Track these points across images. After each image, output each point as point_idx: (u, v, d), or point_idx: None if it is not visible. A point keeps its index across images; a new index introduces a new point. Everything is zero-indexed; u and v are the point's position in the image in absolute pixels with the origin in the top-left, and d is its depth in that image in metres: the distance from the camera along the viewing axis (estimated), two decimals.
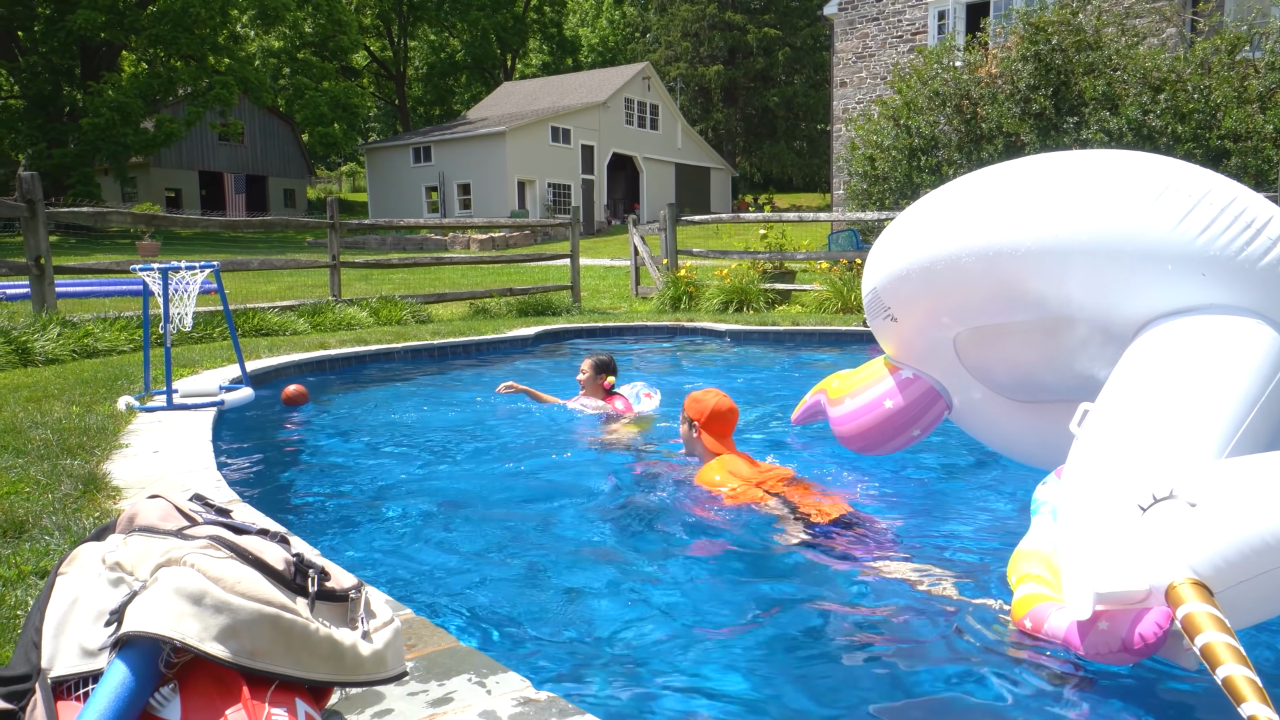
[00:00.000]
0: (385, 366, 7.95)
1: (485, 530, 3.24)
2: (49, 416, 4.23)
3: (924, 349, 3.39)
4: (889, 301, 3.25)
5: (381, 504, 3.54)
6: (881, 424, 3.54)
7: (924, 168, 12.05)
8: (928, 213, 3.04)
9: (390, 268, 11.76)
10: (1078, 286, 2.62)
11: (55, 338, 6.83)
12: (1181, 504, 1.78)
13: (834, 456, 4.34)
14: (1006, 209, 2.71)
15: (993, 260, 2.74)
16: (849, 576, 2.75)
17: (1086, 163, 2.68)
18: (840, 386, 3.79)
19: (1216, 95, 10.22)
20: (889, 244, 3.21)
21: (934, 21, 24.80)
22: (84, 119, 30.05)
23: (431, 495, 3.70)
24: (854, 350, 9.20)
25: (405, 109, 55.63)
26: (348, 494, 3.67)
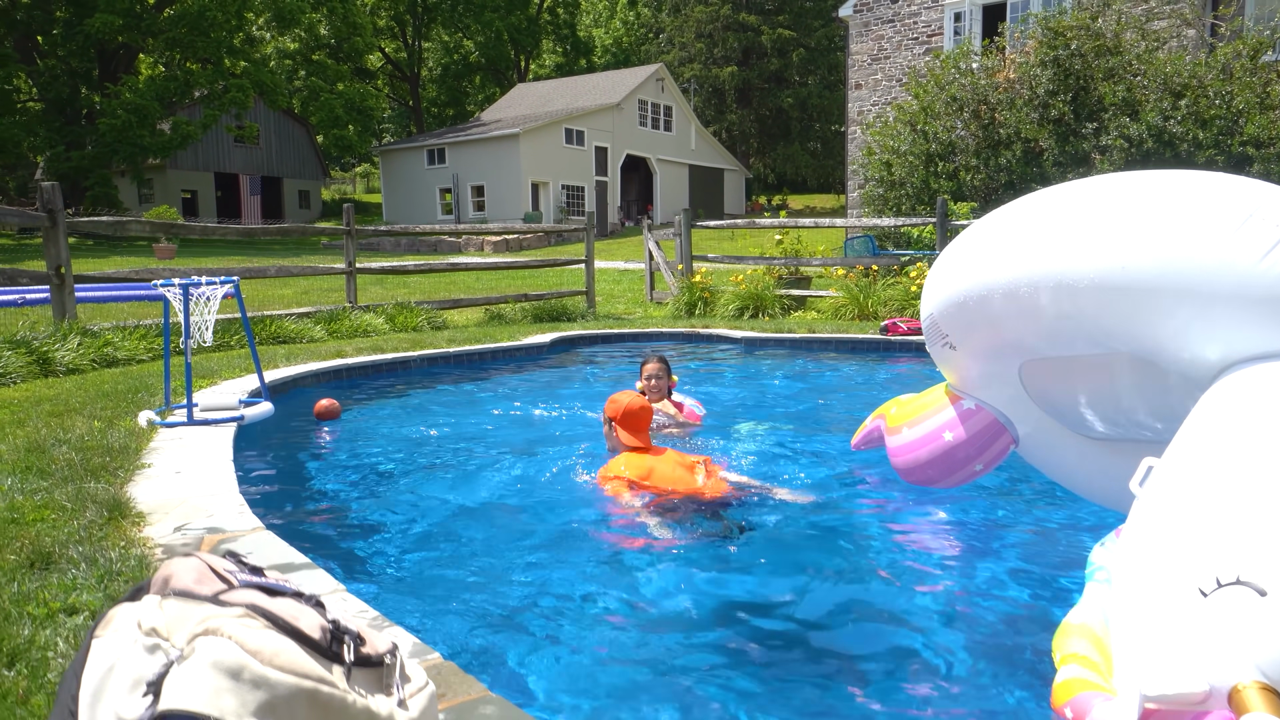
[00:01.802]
0: (402, 376, 7.96)
1: (512, 560, 3.23)
2: (71, 433, 4.25)
3: (985, 378, 3.19)
4: (946, 329, 3.06)
5: (404, 530, 3.54)
6: (941, 457, 3.32)
7: (941, 173, 11.98)
8: (985, 236, 2.84)
9: (406, 273, 11.78)
10: (1147, 324, 2.35)
11: (75, 347, 6.86)
12: (1250, 591, 1.55)
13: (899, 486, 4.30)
14: (1067, 236, 2.47)
15: (1052, 292, 2.50)
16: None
17: (1157, 186, 2.41)
18: (898, 415, 3.61)
19: (1239, 101, 10.12)
20: (945, 268, 3.02)
21: (950, 23, 24.67)
22: (101, 121, 30.26)
23: (456, 520, 3.69)
24: (871, 360, 9.16)
25: (419, 110, 55.78)
26: (369, 518, 3.66)
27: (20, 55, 32.46)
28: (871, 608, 2.85)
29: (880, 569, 3.18)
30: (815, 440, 5.15)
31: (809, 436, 5.28)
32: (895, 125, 12.75)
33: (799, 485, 4.23)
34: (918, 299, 10.95)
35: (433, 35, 55.71)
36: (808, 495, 3.93)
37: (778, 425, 5.57)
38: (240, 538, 2.61)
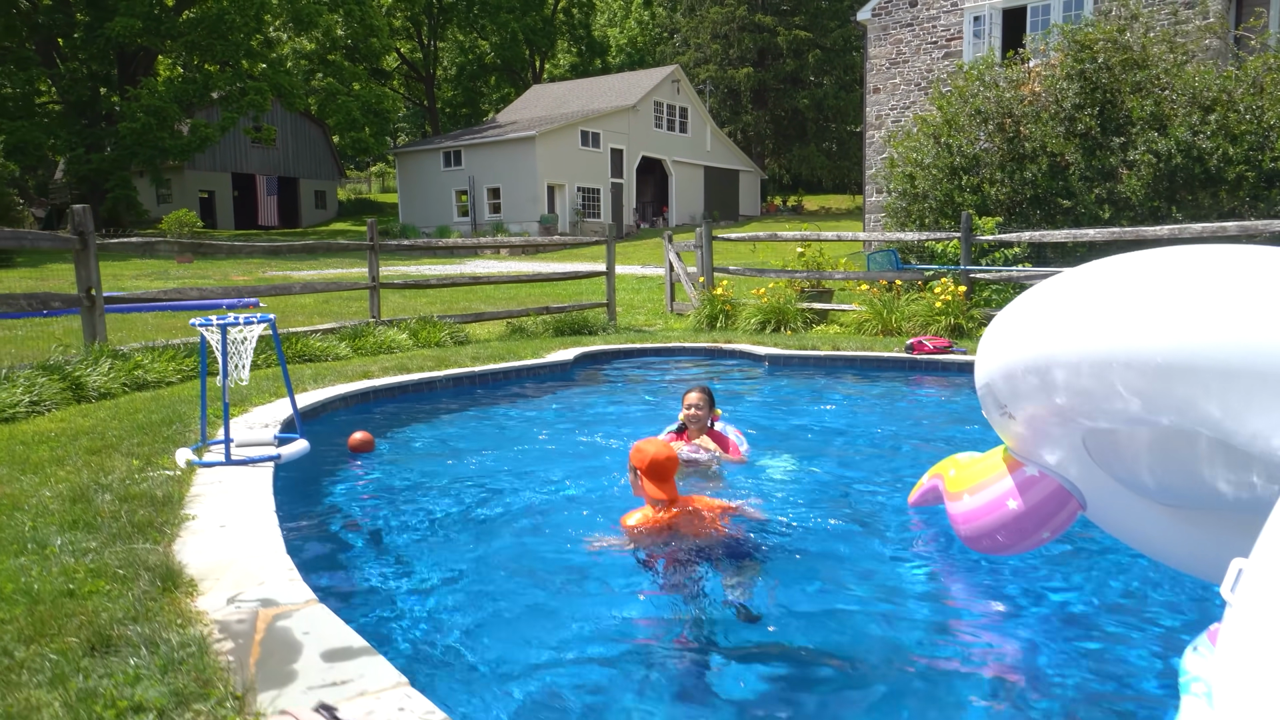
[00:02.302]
0: (429, 399, 7.96)
1: (565, 614, 3.21)
2: (112, 475, 4.26)
3: (1048, 447, 3.06)
4: (1004, 399, 2.97)
5: (449, 592, 3.53)
6: (1006, 526, 3.19)
7: (965, 186, 11.90)
8: (1046, 306, 2.71)
9: (429, 288, 11.80)
10: (1221, 408, 2.21)
11: (107, 371, 6.90)
12: None
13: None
14: (1135, 314, 2.34)
15: (1120, 371, 2.39)
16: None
17: (1232, 261, 2.28)
18: (958, 479, 3.50)
19: (1270, 116, 10.01)
20: (1000, 336, 2.92)
21: (969, 27, 24.54)
22: (121, 125, 30.45)
23: (498, 569, 3.69)
24: (895, 380, 9.10)
25: (434, 110, 55.88)
26: (413, 575, 3.65)
27: (42, 58, 32.69)
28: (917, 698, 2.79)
29: (926, 656, 3.09)
30: (859, 487, 5.08)
31: (850, 480, 5.22)
32: (918, 137, 12.67)
33: (839, 547, 4.13)
34: (942, 315, 10.88)
35: (448, 35, 55.79)
36: (842, 560, 3.81)
37: (814, 464, 5.52)
38: (294, 612, 2.60)
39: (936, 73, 25.15)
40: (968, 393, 8.15)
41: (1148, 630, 3.13)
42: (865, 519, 4.48)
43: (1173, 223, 10.61)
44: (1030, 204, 11.60)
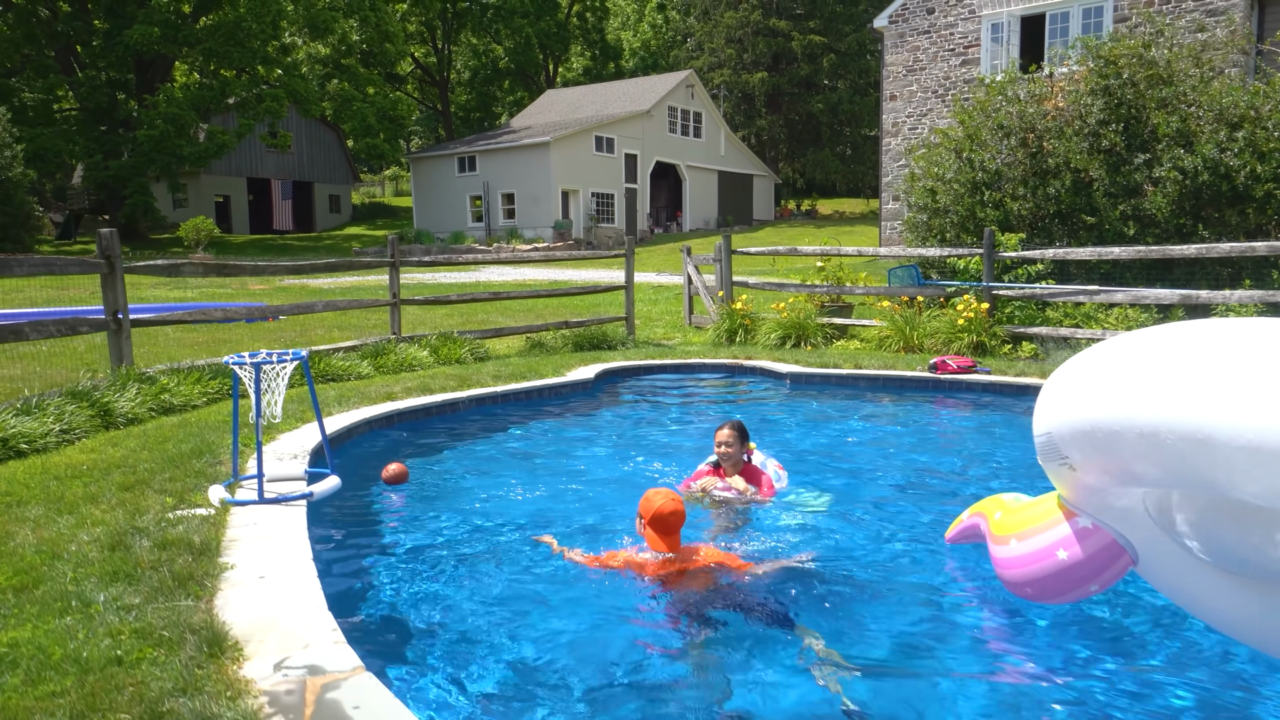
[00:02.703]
0: (453, 421, 7.96)
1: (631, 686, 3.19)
2: (146, 516, 4.26)
3: (1108, 503, 3.03)
4: (1067, 451, 2.92)
5: (483, 622, 3.51)
6: (1054, 576, 3.16)
7: (988, 202, 11.82)
8: (1120, 367, 2.65)
9: (449, 304, 11.81)
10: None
11: (134, 396, 6.92)
12: None
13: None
14: (1226, 389, 2.27)
15: (1201, 445, 2.34)
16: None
17: None
18: (1004, 523, 3.45)
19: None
20: (1069, 390, 2.86)
21: (987, 35, 24.42)
22: (140, 132, 30.63)
23: (546, 613, 3.67)
24: (917, 399, 9.04)
25: (448, 114, 56.02)
26: (455, 629, 3.62)
27: (60, 66, 32.92)
28: None
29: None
30: (890, 525, 5.02)
31: (882, 516, 5.17)
32: (939, 151, 12.60)
33: (869, 592, 4.08)
34: (964, 332, 10.81)
35: (461, 40, 55.93)
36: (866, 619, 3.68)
37: (844, 497, 5.47)
38: (342, 682, 2.59)
39: (954, 80, 25.04)
40: (996, 417, 8.09)
41: (1217, 693, 3.09)
42: (897, 559, 4.44)
43: (1199, 240, 10.51)
44: (1053, 220, 11.52)
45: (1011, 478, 5.95)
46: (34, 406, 6.00)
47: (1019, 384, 8.99)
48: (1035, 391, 8.84)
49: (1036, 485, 5.54)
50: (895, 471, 6.21)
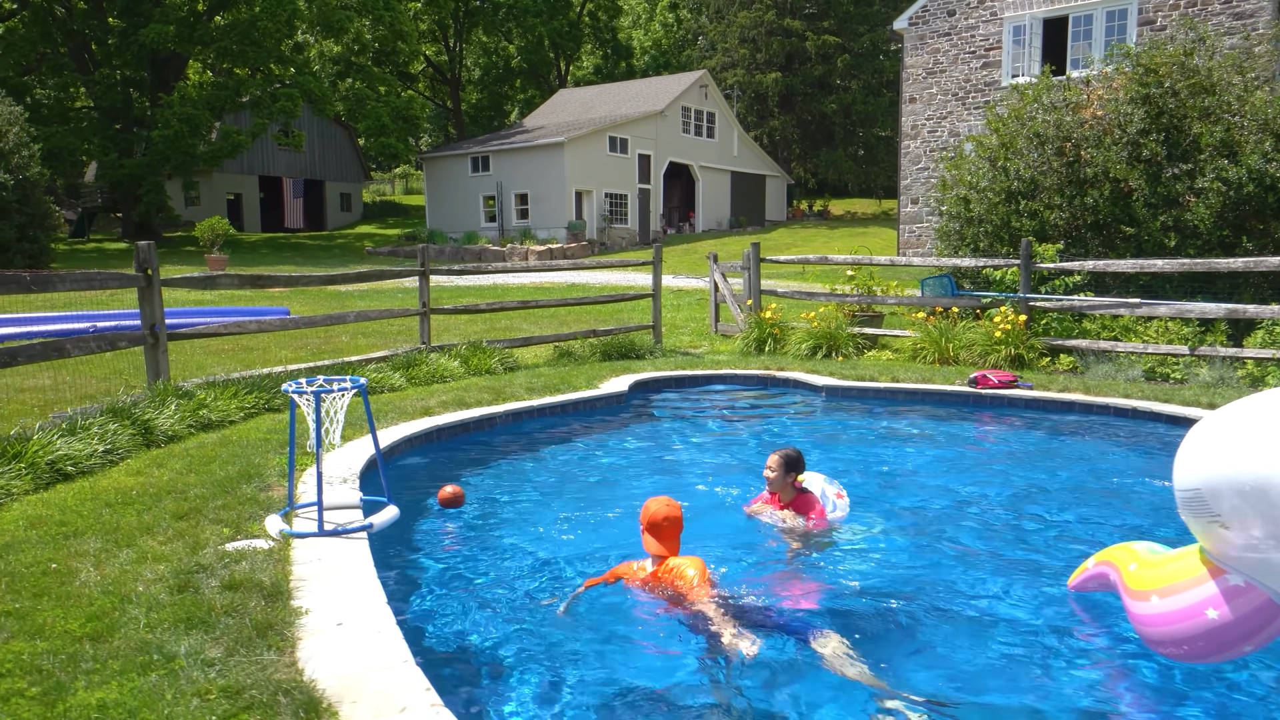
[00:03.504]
0: (493, 437, 7.85)
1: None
2: (207, 550, 4.15)
3: (1264, 563, 2.85)
4: (1219, 509, 2.78)
5: (570, 672, 3.40)
6: (1205, 635, 2.98)
7: (1023, 211, 11.67)
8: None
9: (478, 313, 11.70)
10: None
11: (173, 413, 6.81)
12: None
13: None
14: None
15: None
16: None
17: None
18: (1142, 577, 3.28)
19: None
20: (1227, 442, 2.70)
21: (1009, 38, 24.23)
22: (155, 131, 30.57)
23: (618, 651, 3.55)
24: (958, 415, 8.89)
25: (459, 113, 55.92)
26: (532, 655, 3.52)
27: (76, 65, 32.88)
28: None
29: None
30: (951, 569, 4.87)
31: (939, 556, 5.01)
32: (972, 160, 12.44)
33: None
34: (1001, 344, 10.67)
35: (473, 39, 55.81)
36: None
37: (891, 528, 5.33)
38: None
39: (975, 83, 24.86)
40: (1050, 438, 7.86)
41: None
42: (955, 599, 4.28)
43: (1242, 253, 10.35)
44: (1090, 230, 11.36)
45: (1083, 505, 5.80)
46: (79, 426, 5.89)
47: (1064, 400, 8.84)
48: (1081, 408, 8.75)
49: (1108, 517, 5.38)
50: (953, 493, 6.06)
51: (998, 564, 4.72)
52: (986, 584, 4.44)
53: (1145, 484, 6.25)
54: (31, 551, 4.09)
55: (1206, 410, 7.99)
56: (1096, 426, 8.17)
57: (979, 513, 5.66)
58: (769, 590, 4.27)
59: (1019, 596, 4.27)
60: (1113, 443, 7.63)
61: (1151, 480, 6.26)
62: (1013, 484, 6.36)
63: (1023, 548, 4.98)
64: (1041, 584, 4.39)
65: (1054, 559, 4.74)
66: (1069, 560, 4.59)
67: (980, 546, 5.00)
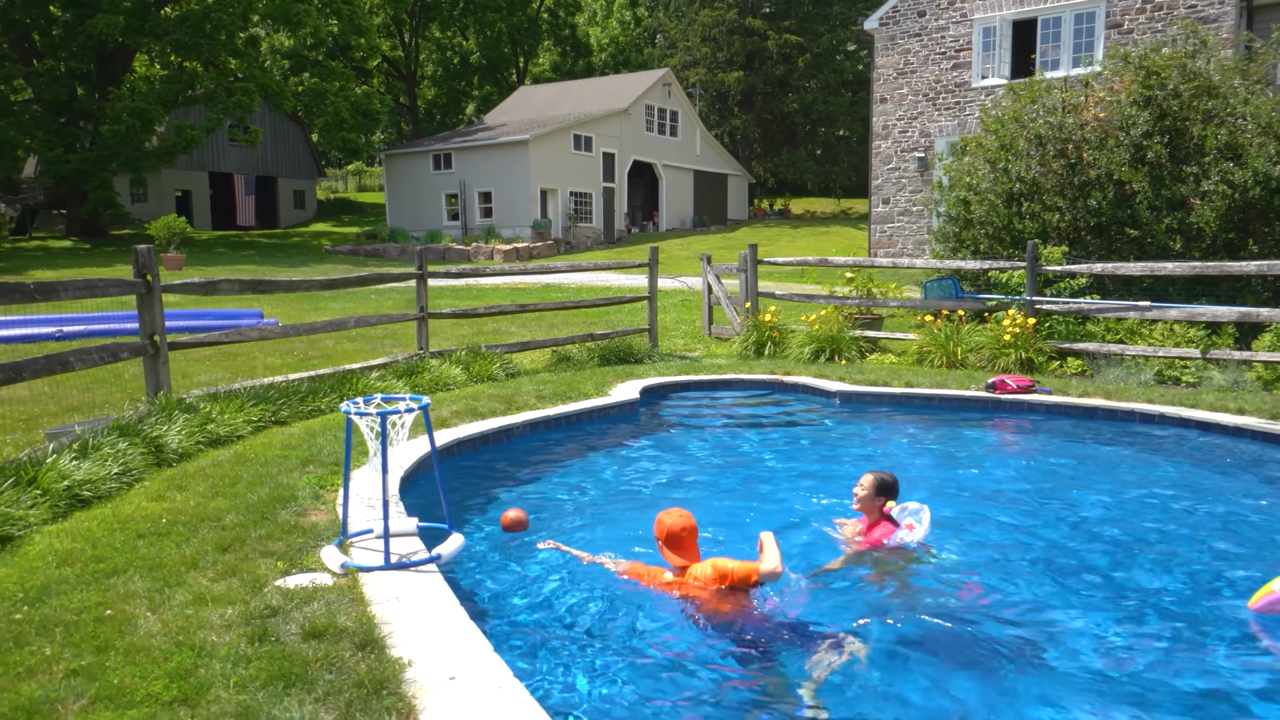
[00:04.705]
0: (514, 449, 7.52)
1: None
2: (267, 590, 3.78)
3: None
4: None
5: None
6: None
7: (1025, 214, 11.62)
8: None
9: (478, 317, 11.32)
10: None
11: (181, 428, 6.36)
12: None
13: None
14: None
15: None
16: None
17: None
18: None
19: None
20: None
21: (979, 39, 24.39)
22: (104, 126, 29.37)
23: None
24: (983, 425, 8.73)
25: (415, 109, 54.96)
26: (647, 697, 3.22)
27: (17, 56, 31.48)
28: None
29: None
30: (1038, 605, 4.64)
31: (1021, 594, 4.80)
32: (972, 163, 12.36)
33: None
34: (1010, 348, 10.58)
35: (429, 34, 54.88)
36: None
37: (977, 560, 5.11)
38: None
39: (945, 84, 24.97)
40: (1094, 448, 7.59)
41: None
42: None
43: (1247, 255, 10.40)
44: (1093, 233, 11.34)
45: (1160, 516, 5.63)
46: (90, 447, 5.42)
47: (1085, 405, 8.75)
48: (1105, 414, 8.65)
49: (1196, 525, 5.12)
50: (1007, 513, 5.85)
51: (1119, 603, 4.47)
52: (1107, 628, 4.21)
53: (1231, 501, 6.02)
54: (75, 595, 3.68)
55: (1235, 416, 7.95)
56: (1133, 435, 8.04)
57: (1058, 539, 5.31)
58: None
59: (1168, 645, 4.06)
60: (1162, 454, 7.43)
61: (1244, 499, 6.05)
62: (1082, 504, 5.96)
63: (1138, 588, 4.64)
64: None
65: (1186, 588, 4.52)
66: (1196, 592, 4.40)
67: (1080, 584, 4.72)
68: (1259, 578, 4.31)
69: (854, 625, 3.93)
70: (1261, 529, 5.38)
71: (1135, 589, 4.43)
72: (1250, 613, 3.93)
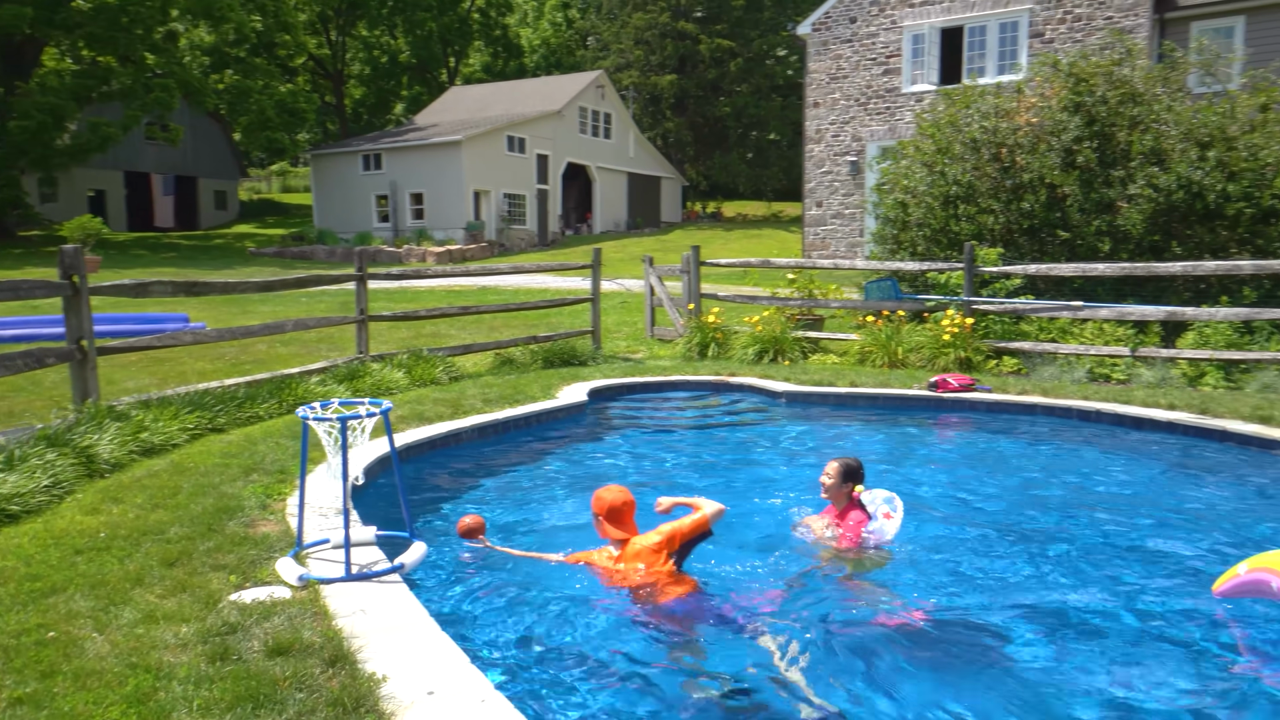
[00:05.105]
0: (464, 454, 7.36)
1: None
2: (222, 606, 3.59)
3: None
4: None
5: None
6: None
7: (961, 216, 11.86)
8: None
9: (418, 319, 11.07)
10: None
11: (113, 437, 6.05)
12: None
13: None
14: None
15: None
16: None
17: None
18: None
19: (1267, 154, 10.26)
20: None
21: (909, 46, 24.90)
22: (12, 122, 28.03)
23: None
24: (928, 424, 8.88)
25: (343, 109, 53.85)
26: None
27: None
28: None
29: None
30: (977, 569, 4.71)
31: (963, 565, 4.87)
32: (909, 166, 12.58)
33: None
34: (949, 348, 10.78)
35: (357, 32, 53.83)
36: None
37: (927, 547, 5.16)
38: None
39: (876, 89, 25.43)
40: (1033, 444, 7.78)
41: None
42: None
43: (1171, 257, 10.79)
44: (1025, 235, 11.64)
45: (1112, 510, 5.76)
46: (16, 458, 5.11)
47: (1025, 403, 8.95)
48: (1044, 411, 8.87)
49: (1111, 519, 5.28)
50: (958, 507, 5.95)
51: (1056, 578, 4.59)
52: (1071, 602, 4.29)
53: (1176, 492, 6.21)
54: (11, 616, 3.44)
55: (1167, 411, 8.22)
56: (1073, 431, 8.24)
57: (1015, 534, 5.42)
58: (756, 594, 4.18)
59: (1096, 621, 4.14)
60: (1102, 449, 7.65)
61: (1118, 483, 6.31)
62: (1036, 500, 6.08)
63: (1065, 566, 4.84)
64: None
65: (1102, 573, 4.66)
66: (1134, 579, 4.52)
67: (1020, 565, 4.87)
68: (1219, 563, 4.44)
69: (804, 615, 3.95)
70: (1210, 517, 5.55)
71: (1096, 581, 4.52)
72: (1215, 598, 4.03)
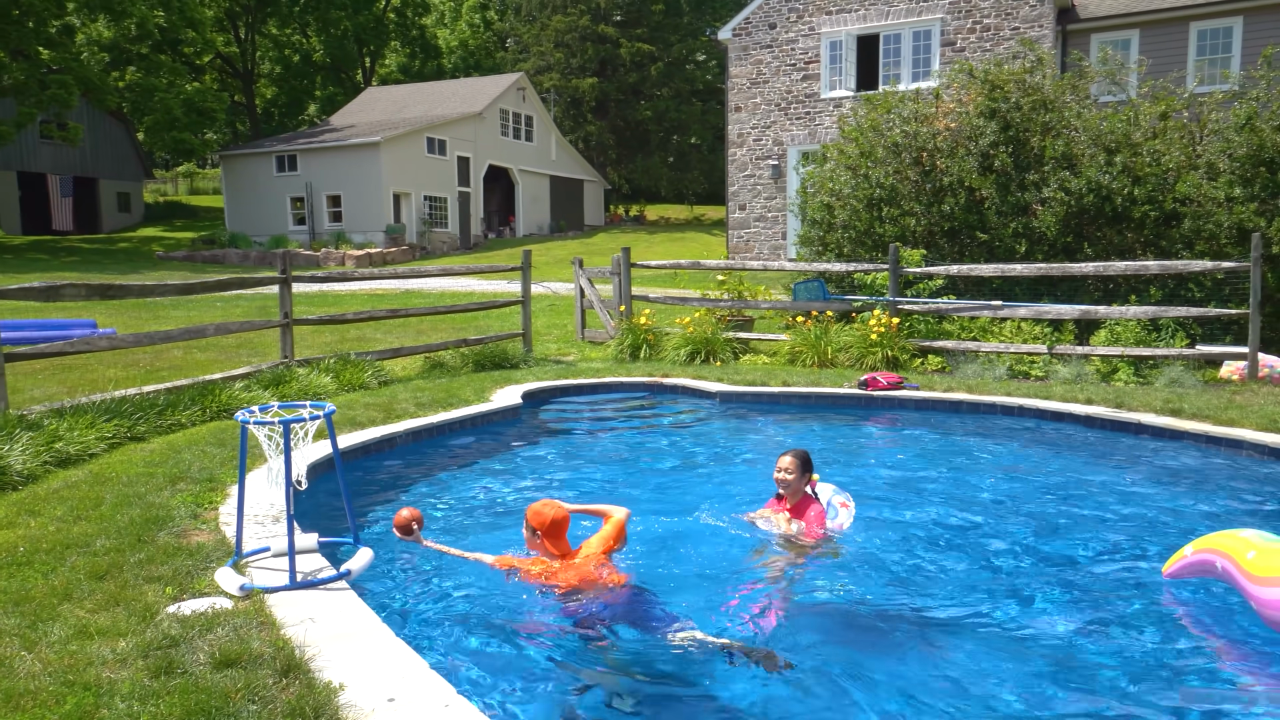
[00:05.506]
0: (400, 458, 7.20)
1: None
2: (161, 619, 3.42)
3: None
4: None
5: None
6: None
7: (885, 218, 12.14)
8: None
9: (345, 323, 10.79)
10: None
11: (25, 447, 5.73)
12: None
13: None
14: None
15: None
16: None
17: None
18: (1266, 565, 3.37)
19: (1167, 160, 10.77)
20: None
21: (826, 52, 25.42)
22: None
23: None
24: (855, 417, 9.06)
25: (253, 109, 52.28)
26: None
27: None
28: None
29: None
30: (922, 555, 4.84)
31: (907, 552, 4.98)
32: (835, 170, 12.82)
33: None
34: (877, 347, 11.03)
35: (267, 30, 52.34)
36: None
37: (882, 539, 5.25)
38: None
39: (796, 94, 25.87)
40: (958, 438, 8.00)
41: None
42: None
43: (1083, 258, 11.23)
44: (946, 236, 11.98)
45: (1045, 500, 5.94)
46: None
47: (951, 400, 9.20)
48: (969, 407, 9.14)
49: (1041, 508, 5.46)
50: (902, 501, 6.07)
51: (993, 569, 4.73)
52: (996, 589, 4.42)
53: (1104, 483, 6.45)
54: None
55: (1085, 406, 8.55)
56: (997, 426, 8.50)
57: (956, 526, 5.56)
58: (748, 604, 4.14)
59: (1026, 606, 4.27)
60: (1024, 442, 7.92)
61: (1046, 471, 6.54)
62: (972, 492, 6.22)
63: (1010, 552, 5.00)
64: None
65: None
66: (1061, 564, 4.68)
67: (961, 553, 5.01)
68: (1160, 547, 4.63)
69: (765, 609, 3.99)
70: (1142, 504, 5.79)
71: (1041, 569, 4.67)
72: (1164, 579, 4.19)
